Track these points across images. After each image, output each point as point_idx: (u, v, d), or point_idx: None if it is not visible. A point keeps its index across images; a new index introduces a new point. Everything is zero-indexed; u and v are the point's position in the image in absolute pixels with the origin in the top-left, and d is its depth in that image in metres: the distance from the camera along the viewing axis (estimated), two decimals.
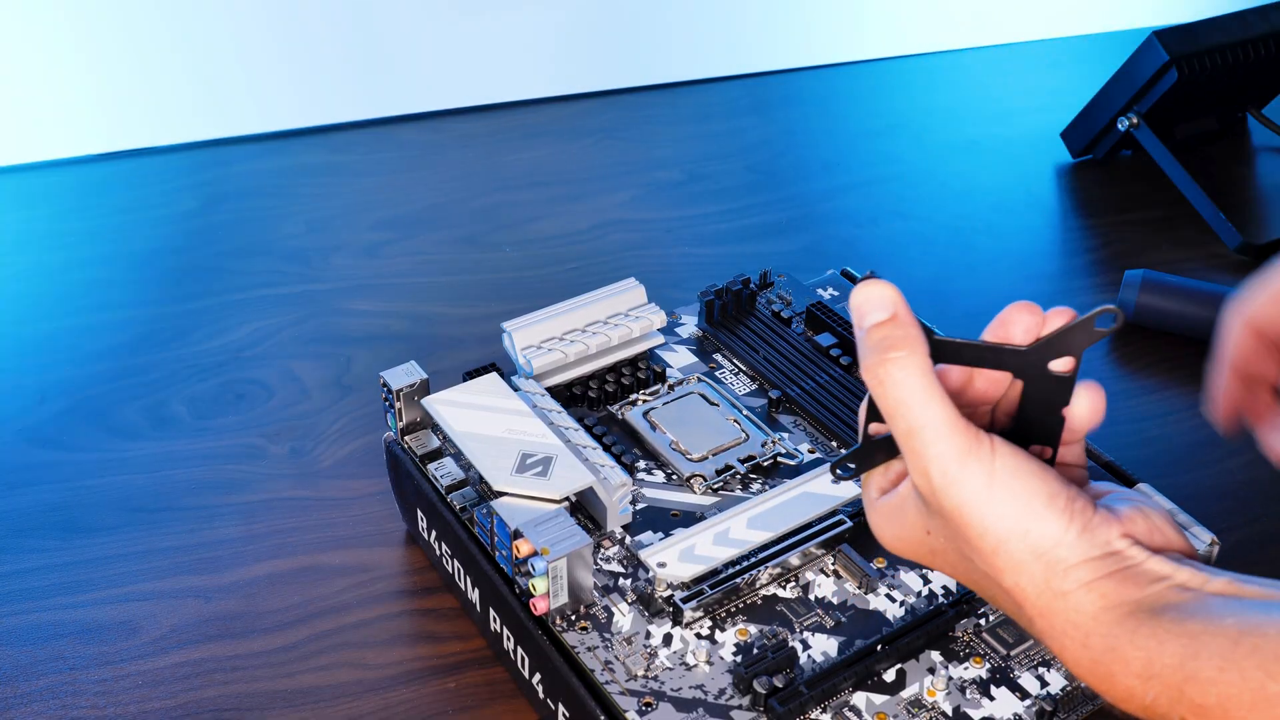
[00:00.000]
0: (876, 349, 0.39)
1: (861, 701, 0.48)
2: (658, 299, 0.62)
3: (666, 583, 0.51)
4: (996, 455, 0.38)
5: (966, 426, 0.39)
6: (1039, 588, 0.38)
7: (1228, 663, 0.35)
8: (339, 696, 0.54)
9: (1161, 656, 0.36)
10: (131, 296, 0.77)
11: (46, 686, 0.53)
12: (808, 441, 0.59)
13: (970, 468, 0.38)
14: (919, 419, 0.39)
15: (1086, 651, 0.38)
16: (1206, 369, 0.48)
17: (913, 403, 0.39)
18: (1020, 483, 0.38)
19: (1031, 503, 0.38)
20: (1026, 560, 0.38)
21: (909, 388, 0.39)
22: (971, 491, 0.38)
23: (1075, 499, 0.38)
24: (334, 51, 0.95)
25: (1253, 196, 0.91)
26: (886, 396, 0.39)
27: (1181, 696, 0.36)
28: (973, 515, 0.39)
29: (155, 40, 0.90)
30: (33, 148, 0.89)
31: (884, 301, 0.40)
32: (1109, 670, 0.37)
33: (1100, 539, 0.38)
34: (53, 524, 0.61)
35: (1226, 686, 0.35)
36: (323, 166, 0.91)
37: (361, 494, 0.64)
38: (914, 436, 0.39)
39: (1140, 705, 0.37)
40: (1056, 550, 0.38)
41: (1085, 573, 0.38)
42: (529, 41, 1.00)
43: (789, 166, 0.93)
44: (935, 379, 0.39)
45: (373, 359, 0.73)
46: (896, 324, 0.39)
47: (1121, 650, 0.37)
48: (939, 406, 0.38)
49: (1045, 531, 0.38)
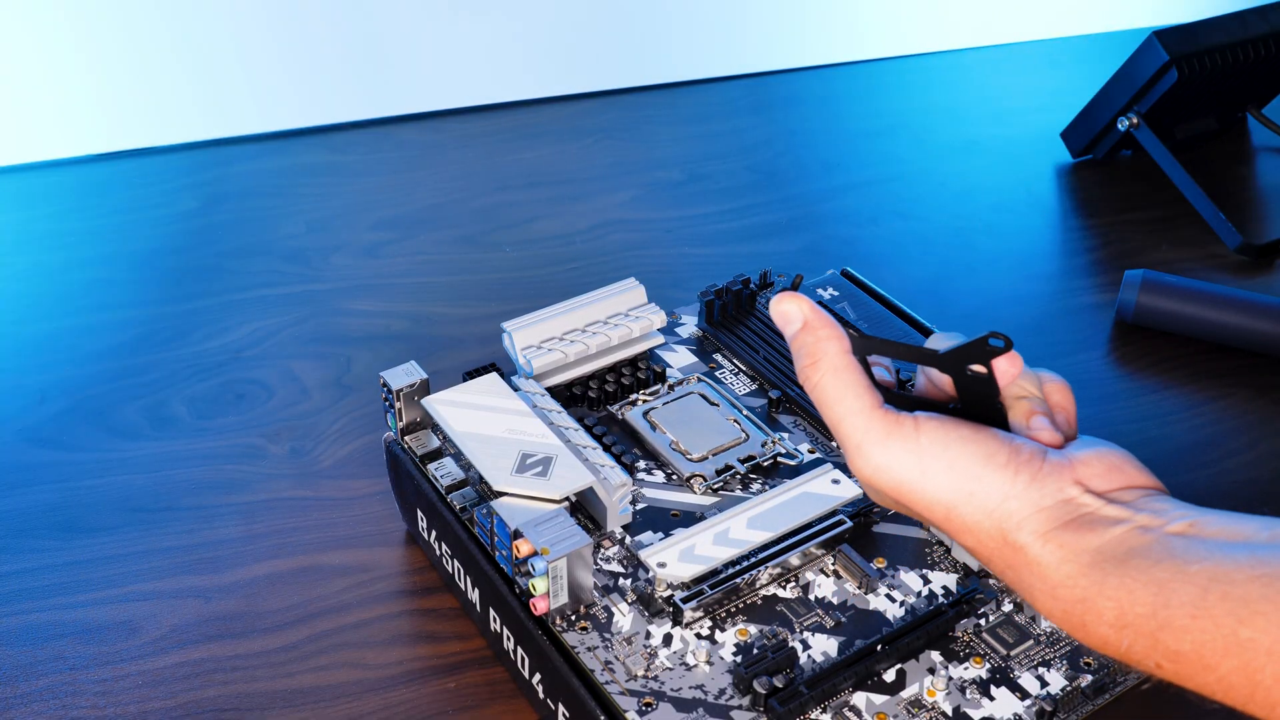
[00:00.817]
0: (796, 358, 0.43)
1: (861, 701, 0.48)
2: (658, 299, 0.62)
3: (666, 583, 0.51)
4: (921, 432, 0.41)
5: (886, 413, 0.41)
6: (997, 543, 0.39)
7: (1199, 610, 0.35)
8: (339, 696, 0.54)
9: (1133, 606, 0.36)
10: (131, 296, 0.77)
11: (46, 686, 0.53)
12: (808, 441, 0.59)
13: (893, 448, 0.41)
14: (837, 413, 0.42)
15: (1056, 602, 0.39)
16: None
17: (830, 400, 0.42)
18: (951, 451, 0.40)
19: (970, 466, 0.40)
20: (979, 519, 0.40)
21: (825, 385, 0.42)
22: (904, 470, 0.41)
23: (1019, 452, 0.40)
24: (334, 51, 0.95)
25: (1253, 196, 0.91)
26: (813, 397, 0.43)
27: (1156, 644, 0.36)
28: (913, 491, 0.41)
29: (155, 40, 0.90)
30: (33, 148, 0.89)
31: (794, 314, 0.44)
32: (1082, 620, 0.38)
33: (1051, 487, 0.39)
34: (52, 524, 0.61)
35: (1199, 634, 0.35)
36: (323, 166, 0.91)
37: (361, 494, 0.64)
38: (838, 430, 0.42)
39: (1117, 652, 0.38)
40: (1006, 505, 0.39)
41: (1039, 523, 0.39)
42: (529, 41, 1.00)
43: (789, 166, 0.93)
44: (851, 374, 0.42)
45: (373, 359, 0.73)
46: (807, 331, 0.43)
47: (1092, 601, 0.37)
48: (854, 399, 0.42)
49: (989, 490, 0.39)
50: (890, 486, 0.41)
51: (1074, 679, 0.49)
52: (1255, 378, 0.73)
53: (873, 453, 0.41)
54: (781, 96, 1.02)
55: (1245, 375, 0.73)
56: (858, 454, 0.42)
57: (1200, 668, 0.36)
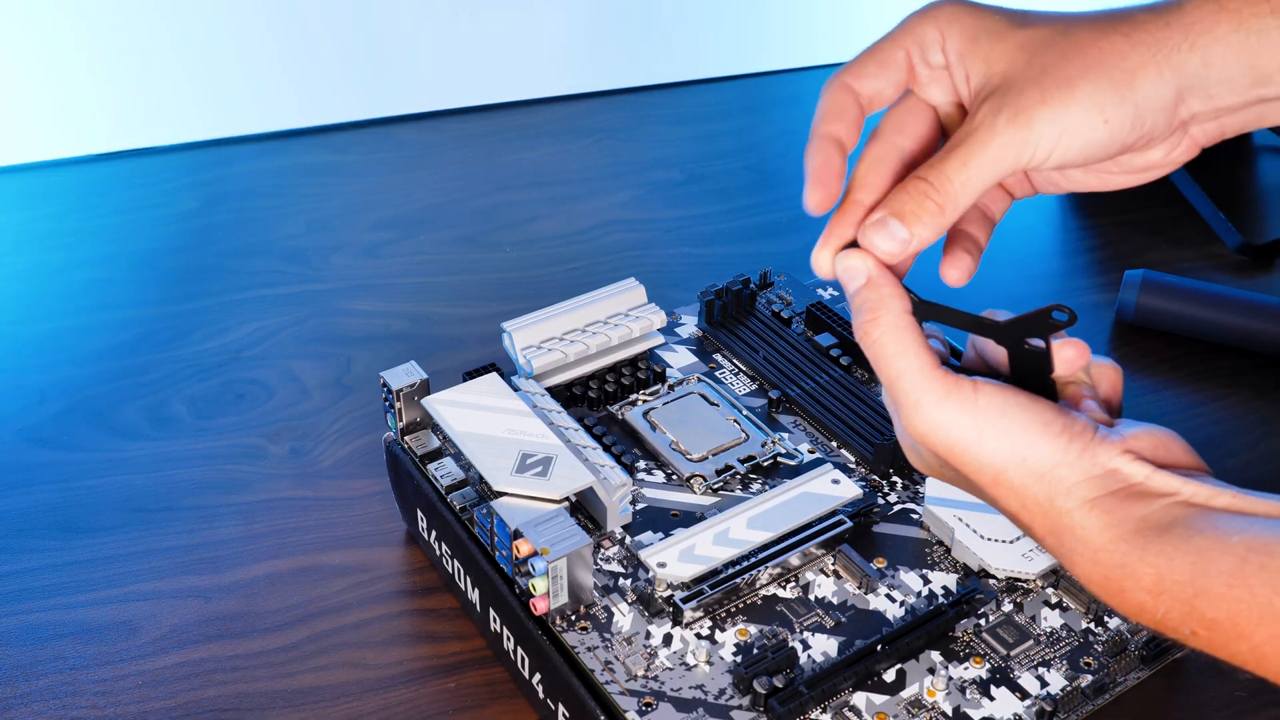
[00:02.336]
0: (857, 312, 0.42)
1: (861, 701, 0.48)
2: (658, 299, 0.62)
3: (666, 583, 0.51)
4: (980, 395, 0.40)
5: (945, 374, 0.41)
6: (1044, 508, 0.40)
7: (1236, 579, 0.35)
8: (339, 696, 0.54)
9: (1171, 573, 0.37)
10: (131, 296, 0.77)
11: (46, 686, 0.53)
12: (808, 441, 0.59)
13: (950, 409, 0.40)
14: (896, 369, 0.41)
15: (1097, 568, 0.39)
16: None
17: (889, 356, 0.41)
18: (1008, 418, 0.40)
19: (1025, 433, 0.40)
20: (1029, 483, 0.40)
21: (884, 343, 0.41)
22: (958, 431, 0.40)
23: (1073, 424, 0.40)
24: (334, 51, 0.95)
25: (1253, 196, 0.91)
26: (870, 353, 0.42)
27: (1192, 611, 0.37)
28: (965, 454, 0.40)
29: (155, 40, 0.90)
30: (33, 148, 0.89)
31: (860, 270, 0.42)
32: (1120, 586, 0.38)
33: (1102, 457, 0.39)
34: (52, 524, 0.61)
35: (1235, 602, 0.35)
36: (323, 166, 0.91)
37: (361, 494, 0.64)
38: (894, 387, 0.41)
39: (1152, 619, 0.38)
40: (1057, 470, 0.39)
41: (1088, 490, 0.39)
42: (529, 41, 1.00)
43: (789, 166, 0.93)
44: (912, 334, 0.41)
45: (373, 359, 0.73)
46: (871, 288, 0.42)
47: (1131, 567, 0.38)
48: (914, 357, 0.41)
49: (1043, 455, 0.39)
50: (942, 446, 0.41)
51: (1074, 679, 0.49)
52: (1255, 378, 0.73)
53: (929, 412, 0.40)
54: (781, 96, 1.02)
55: (1245, 375, 0.73)
56: (914, 411, 0.41)
57: (1234, 636, 0.36)
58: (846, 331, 0.64)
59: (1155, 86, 0.40)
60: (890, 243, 0.41)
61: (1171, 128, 0.41)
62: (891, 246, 0.41)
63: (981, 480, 0.41)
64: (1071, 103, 0.39)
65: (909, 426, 0.41)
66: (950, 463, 0.41)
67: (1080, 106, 0.39)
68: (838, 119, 0.43)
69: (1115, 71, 0.39)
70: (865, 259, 0.42)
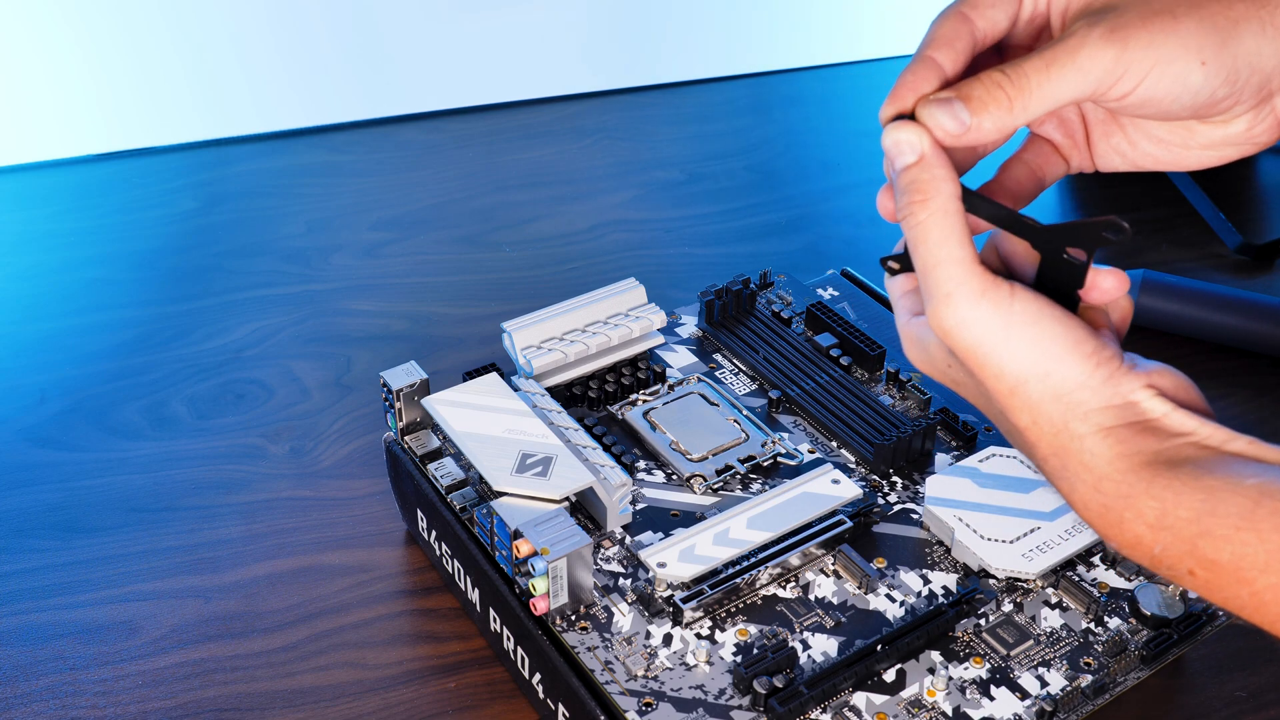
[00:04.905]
0: (905, 191, 0.40)
1: (861, 701, 0.48)
2: (658, 299, 0.62)
3: (666, 583, 0.51)
4: (1015, 300, 0.39)
5: (985, 271, 0.39)
6: (1056, 428, 0.39)
7: (1246, 522, 0.35)
8: (339, 696, 0.54)
9: (1177, 509, 0.36)
10: (131, 296, 0.77)
11: (46, 686, 0.53)
12: (808, 441, 0.59)
13: (983, 309, 0.39)
14: (935, 256, 0.39)
15: (1098, 495, 0.38)
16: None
17: (931, 241, 0.39)
18: (1040, 328, 0.38)
19: (1053, 347, 0.38)
20: (1045, 401, 0.39)
21: (929, 227, 0.39)
22: (986, 332, 0.39)
23: (1103, 348, 0.39)
24: (334, 51, 0.95)
25: (1253, 196, 0.91)
26: (912, 235, 0.40)
27: (1193, 550, 0.36)
28: (988, 357, 0.39)
29: (155, 40, 0.90)
30: (33, 148, 0.89)
31: (913, 145, 0.40)
32: (1120, 516, 0.38)
33: (1124, 388, 0.38)
34: (52, 524, 0.61)
35: (1242, 545, 0.35)
36: (323, 166, 0.91)
37: (361, 494, 0.64)
38: (929, 274, 0.39)
39: (1147, 554, 0.37)
40: (1078, 393, 0.38)
41: (1105, 418, 0.38)
42: (529, 41, 1.00)
43: (789, 166, 0.93)
44: (960, 222, 0.39)
45: (373, 359, 0.73)
46: (924, 167, 0.40)
47: (1136, 499, 0.37)
48: (956, 246, 0.39)
49: (1067, 375, 0.38)
50: (964, 344, 0.39)
51: (1074, 679, 0.49)
52: (1255, 378, 0.73)
53: (961, 305, 0.39)
54: (781, 96, 1.02)
55: (1245, 375, 0.73)
56: (946, 303, 0.39)
57: (1234, 580, 0.35)
58: (846, 331, 0.64)
59: (1257, 41, 0.38)
60: (951, 121, 0.39)
61: (1261, 94, 0.39)
62: (951, 125, 0.39)
63: (997, 388, 0.39)
64: (1173, 34, 0.37)
65: (936, 319, 0.39)
66: (968, 364, 0.40)
67: (1181, 41, 0.37)
68: (947, 46, 0.41)
69: (1219, 18, 0.38)
70: (922, 135, 0.40)
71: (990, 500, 0.54)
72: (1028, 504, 0.54)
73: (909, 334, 0.43)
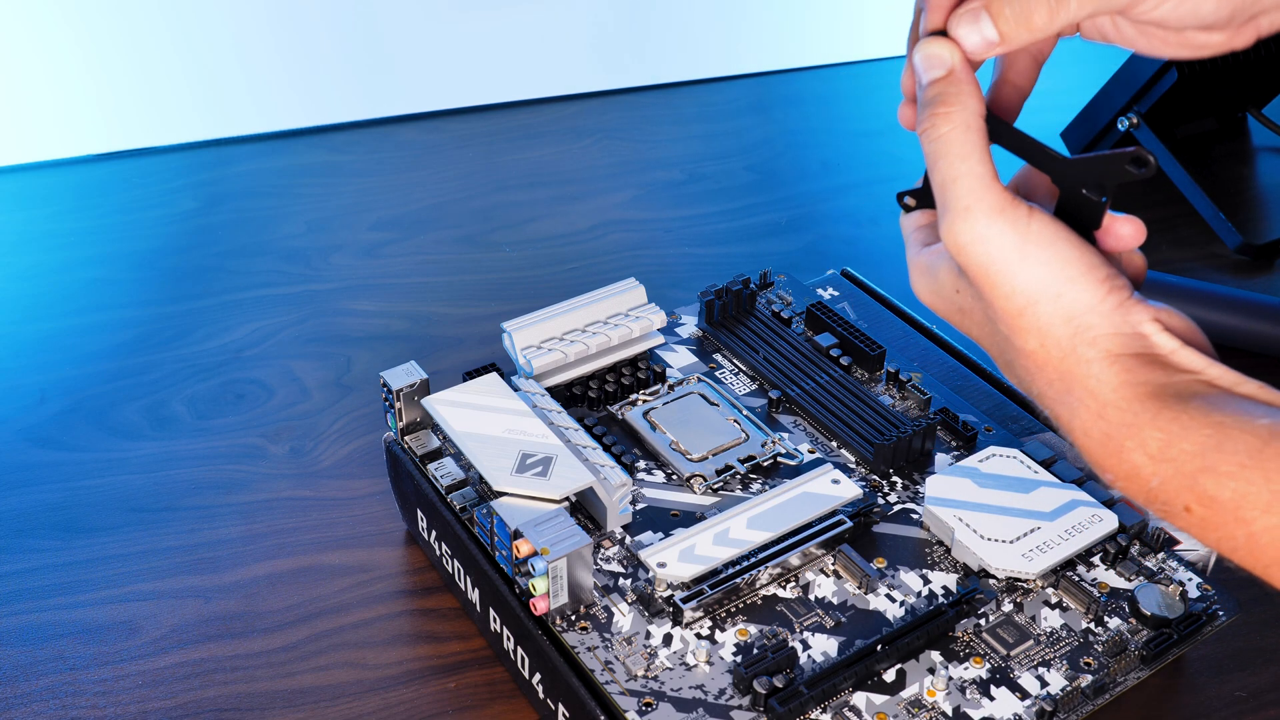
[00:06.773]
0: (929, 104, 0.40)
1: (861, 701, 0.48)
2: (658, 299, 0.62)
3: (666, 583, 0.51)
4: (1033, 220, 0.39)
5: (1003, 189, 0.39)
6: (1063, 351, 0.38)
7: (1253, 460, 0.34)
8: (339, 696, 0.54)
9: (1182, 442, 0.36)
10: (131, 296, 0.77)
11: (46, 686, 0.53)
12: (808, 441, 0.59)
13: (999, 225, 0.38)
14: (956, 170, 0.39)
15: (1100, 423, 0.38)
16: None
17: (954, 155, 0.39)
18: (1055, 249, 0.38)
19: (1067, 269, 0.38)
20: (1055, 323, 0.38)
21: (950, 140, 0.39)
22: (1001, 249, 0.38)
23: (1116, 276, 0.38)
24: (334, 51, 0.95)
25: (1253, 196, 0.91)
26: (932, 148, 0.40)
27: (1193, 485, 0.36)
28: (1000, 275, 0.39)
29: (155, 40, 0.90)
30: (33, 148, 0.89)
31: (944, 59, 0.40)
32: (1120, 445, 0.37)
33: (1134, 318, 0.38)
34: (53, 524, 0.61)
35: (1246, 484, 0.34)
36: (323, 166, 0.91)
37: (361, 494, 0.64)
38: (948, 188, 0.39)
39: (1144, 487, 0.37)
40: (1088, 316, 0.38)
41: (1114, 344, 0.38)
42: (529, 41, 1.00)
43: (789, 166, 0.93)
44: (981, 138, 0.39)
45: (373, 359, 0.73)
46: (950, 81, 0.40)
47: (1139, 428, 0.37)
48: (977, 163, 0.39)
49: (1079, 297, 0.38)
50: (978, 261, 0.39)
51: (1074, 679, 0.49)
52: (1255, 377, 0.73)
53: (979, 220, 0.39)
54: (781, 96, 1.02)
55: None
56: (963, 217, 0.39)
57: (1233, 519, 0.35)
58: (846, 331, 0.64)
59: None
60: (977, 36, 0.39)
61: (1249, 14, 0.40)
62: (977, 41, 0.39)
63: (1006, 308, 0.39)
64: None
65: (951, 234, 0.39)
66: (978, 283, 0.40)
67: None
68: None
69: None
70: (953, 51, 0.40)
71: (990, 500, 0.54)
72: (1028, 504, 0.54)
73: (919, 264, 0.43)
